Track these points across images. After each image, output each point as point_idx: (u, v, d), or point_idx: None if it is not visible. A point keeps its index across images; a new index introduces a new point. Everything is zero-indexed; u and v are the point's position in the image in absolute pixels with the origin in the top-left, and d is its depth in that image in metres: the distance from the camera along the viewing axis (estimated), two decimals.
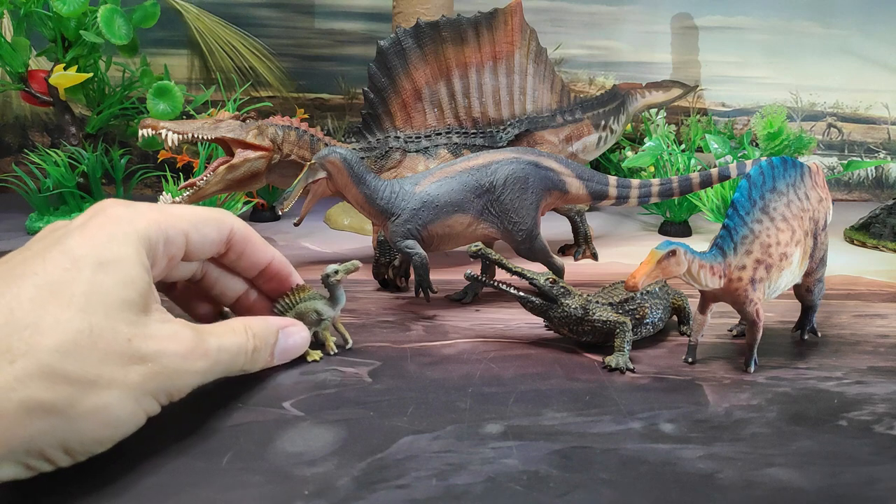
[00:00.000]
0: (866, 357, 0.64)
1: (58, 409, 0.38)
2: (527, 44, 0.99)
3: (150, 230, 0.46)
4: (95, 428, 0.40)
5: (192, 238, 0.51)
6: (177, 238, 0.49)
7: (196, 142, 0.86)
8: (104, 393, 0.40)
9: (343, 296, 0.63)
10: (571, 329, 0.64)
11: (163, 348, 0.43)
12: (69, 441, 0.39)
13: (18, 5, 1.06)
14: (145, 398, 0.43)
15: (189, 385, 0.46)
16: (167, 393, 0.44)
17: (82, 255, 0.42)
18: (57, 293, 0.40)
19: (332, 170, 0.71)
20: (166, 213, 0.49)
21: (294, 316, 0.62)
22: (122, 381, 0.41)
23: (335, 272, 0.62)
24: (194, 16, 1.38)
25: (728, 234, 0.57)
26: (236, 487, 0.42)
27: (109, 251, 0.43)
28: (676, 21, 1.50)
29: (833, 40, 1.50)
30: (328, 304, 0.63)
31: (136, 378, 0.42)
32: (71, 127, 1.13)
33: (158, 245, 0.47)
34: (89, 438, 0.40)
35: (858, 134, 1.55)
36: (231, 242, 0.55)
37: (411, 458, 0.46)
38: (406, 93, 0.95)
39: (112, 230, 0.44)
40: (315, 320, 0.62)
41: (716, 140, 1.11)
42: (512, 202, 0.75)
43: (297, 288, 0.62)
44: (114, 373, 0.40)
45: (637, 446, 0.47)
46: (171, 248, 0.49)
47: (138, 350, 0.42)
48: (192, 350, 0.46)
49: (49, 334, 0.38)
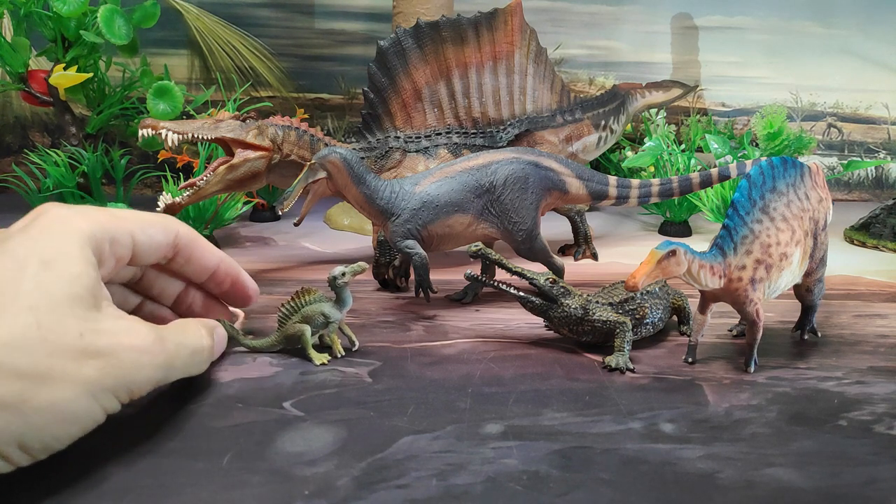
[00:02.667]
0: (866, 357, 0.64)
1: (9, 404, 0.38)
2: (527, 44, 0.99)
3: (94, 229, 0.46)
4: (51, 424, 0.40)
5: (139, 239, 0.51)
6: (123, 238, 0.49)
7: (196, 142, 0.85)
8: (57, 388, 0.39)
9: (350, 298, 0.63)
10: (571, 329, 0.64)
11: (118, 342, 0.43)
12: (25, 437, 0.39)
13: (18, 5, 1.06)
14: (103, 394, 0.42)
15: (149, 380, 0.46)
16: (126, 389, 0.44)
17: (24, 255, 0.42)
18: (2, 293, 0.40)
19: (332, 170, 0.71)
20: (110, 213, 0.49)
21: (300, 319, 0.61)
22: (76, 376, 0.40)
23: (342, 274, 0.62)
24: (194, 16, 1.38)
25: (728, 234, 0.57)
26: (236, 487, 0.42)
27: (52, 249, 0.43)
28: (676, 21, 1.50)
29: (833, 40, 1.50)
30: (335, 307, 0.62)
31: (91, 373, 0.41)
32: (71, 127, 1.13)
33: (104, 244, 0.47)
34: (46, 434, 0.40)
35: (858, 134, 1.55)
36: (178, 247, 0.55)
37: (411, 458, 0.46)
38: (406, 93, 0.95)
39: (54, 230, 0.44)
40: (322, 323, 0.62)
41: (716, 140, 1.11)
42: (512, 202, 0.75)
43: (302, 290, 0.62)
44: (65, 367, 0.40)
45: (637, 446, 0.47)
46: (118, 249, 0.49)
47: (91, 344, 0.41)
48: (149, 344, 0.45)
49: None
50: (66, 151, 1.11)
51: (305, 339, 0.61)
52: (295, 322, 0.61)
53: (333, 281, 0.62)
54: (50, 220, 0.45)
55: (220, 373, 0.59)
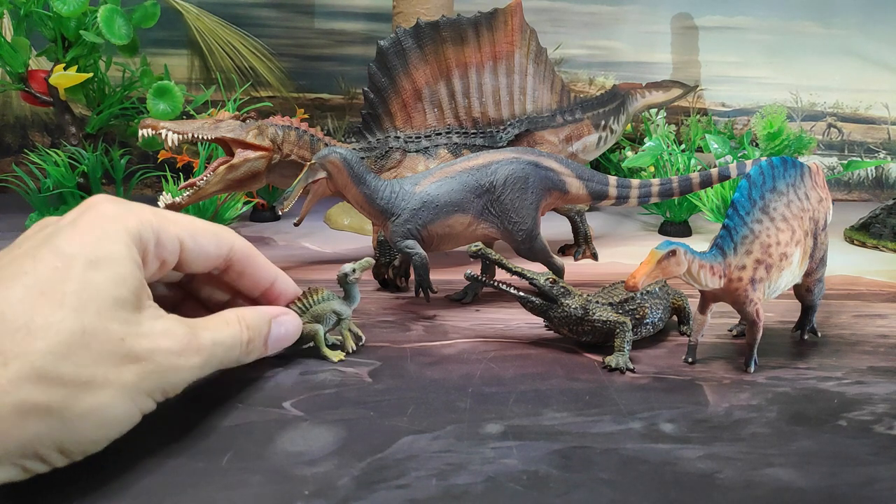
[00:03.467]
0: (866, 357, 0.64)
1: (53, 411, 0.38)
2: (527, 44, 0.99)
3: (142, 228, 0.45)
4: (91, 428, 0.40)
5: (188, 246, 0.50)
6: (169, 242, 0.48)
7: (196, 142, 0.86)
8: (99, 393, 0.40)
9: (358, 294, 0.63)
10: (571, 329, 0.64)
11: (156, 346, 0.43)
12: (65, 442, 0.39)
13: (18, 5, 1.06)
14: (140, 396, 0.42)
15: (184, 381, 0.46)
16: (162, 390, 0.44)
17: (72, 252, 0.41)
18: (48, 293, 0.39)
19: (332, 170, 0.71)
20: (160, 215, 0.48)
21: (311, 318, 0.61)
22: (117, 381, 0.40)
23: (353, 271, 0.62)
24: (194, 16, 1.38)
25: (728, 234, 0.57)
26: (236, 487, 0.42)
27: (100, 249, 0.42)
28: (676, 21, 1.50)
29: (833, 40, 1.50)
30: (344, 303, 0.63)
31: (131, 377, 0.41)
32: (71, 127, 1.13)
33: (149, 244, 0.46)
34: (85, 438, 0.40)
35: (858, 134, 1.55)
36: (231, 260, 0.54)
37: (411, 458, 0.46)
38: (406, 93, 0.95)
39: (103, 227, 0.43)
40: (334, 321, 0.62)
41: (716, 140, 1.11)
42: (512, 202, 0.75)
43: (310, 290, 0.62)
44: (108, 373, 0.40)
45: (637, 446, 0.47)
46: (162, 252, 0.48)
47: (132, 349, 0.41)
48: (185, 346, 0.45)
49: (41, 336, 0.38)
50: (66, 151, 1.11)
51: (319, 339, 0.61)
52: (306, 322, 0.61)
53: (344, 278, 0.62)
54: (99, 215, 0.44)
55: (221, 373, 0.59)
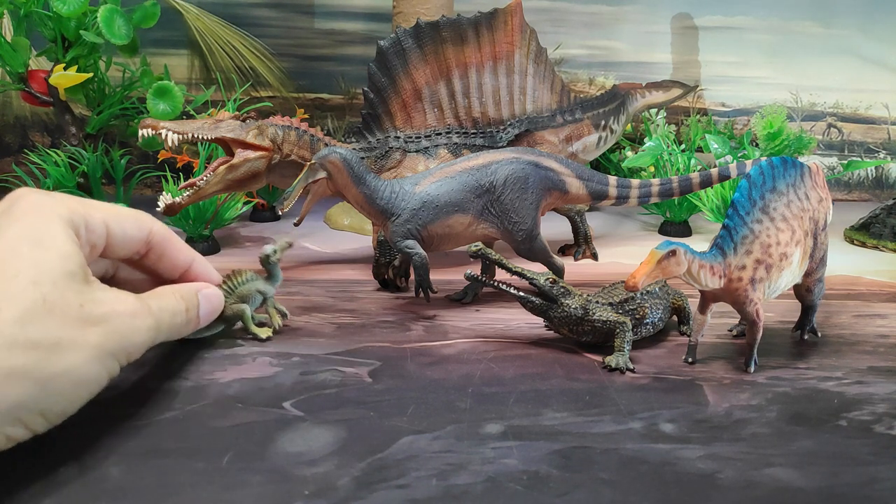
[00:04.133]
0: (866, 357, 0.64)
1: (30, 373, 0.40)
2: (527, 44, 0.99)
3: (72, 214, 0.48)
4: (67, 389, 0.43)
5: (113, 230, 0.52)
6: (97, 227, 0.50)
7: (196, 142, 0.85)
8: (69, 354, 0.43)
9: (280, 274, 0.67)
10: (571, 329, 0.64)
11: (112, 310, 0.46)
12: (45, 404, 0.42)
13: (18, 5, 1.05)
14: (107, 357, 0.45)
15: (143, 342, 0.49)
16: (125, 352, 0.47)
17: (15, 235, 0.44)
18: (3, 271, 0.42)
19: (332, 170, 0.71)
20: (83, 203, 0.50)
21: (236, 299, 0.65)
22: (84, 342, 0.44)
23: (274, 252, 0.66)
24: (194, 16, 1.38)
25: (728, 234, 0.57)
26: (236, 487, 0.42)
27: (40, 231, 0.45)
28: (676, 21, 1.50)
29: (833, 40, 1.50)
30: (268, 283, 0.67)
31: (95, 338, 0.44)
32: (71, 127, 1.13)
33: (80, 229, 0.48)
34: (63, 399, 0.43)
35: (858, 134, 1.55)
36: (151, 243, 0.56)
37: (411, 458, 0.46)
38: (406, 93, 0.95)
39: (36, 213, 0.46)
40: (260, 300, 0.66)
41: (716, 140, 1.11)
42: (512, 202, 0.75)
43: (234, 272, 0.65)
44: (74, 335, 0.43)
45: (637, 446, 0.47)
46: (92, 236, 0.50)
47: (91, 314, 0.44)
48: (138, 309, 0.49)
49: (5, 307, 0.40)
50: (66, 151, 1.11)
51: (246, 318, 0.65)
52: (232, 303, 0.65)
53: (266, 259, 0.66)
54: (29, 204, 0.46)
55: (220, 373, 0.59)
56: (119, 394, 0.55)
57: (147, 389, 0.56)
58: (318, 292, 0.81)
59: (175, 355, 0.62)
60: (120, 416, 0.51)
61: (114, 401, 0.53)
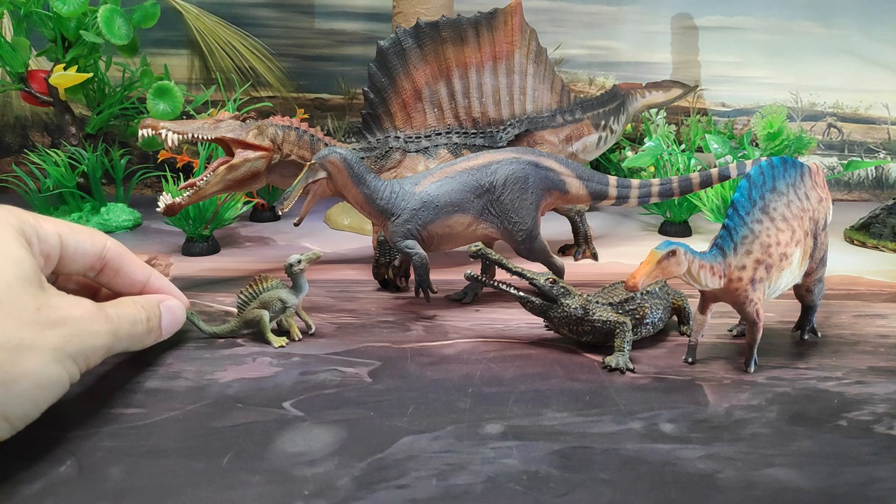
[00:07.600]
0: (866, 357, 0.64)
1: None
2: (527, 44, 0.99)
3: (22, 225, 0.47)
4: (30, 391, 0.43)
5: (67, 241, 0.51)
6: (50, 237, 0.50)
7: (196, 142, 0.85)
8: (30, 356, 0.42)
9: (306, 284, 0.66)
10: (571, 329, 0.64)
11: (69, 314, 0.46)
12: (8, 407, 0.42)
13: (18, 5, 1.06)
14: (67, 360, 0.45)
15: (102, 347, 0.49)
16: (84, 355, 0.47)
17: None
18: None
19: (332, 170, 0.71)
20: (34, 215, 0.50)
21: (258, 305, 0.65)
22: (44, 344, 0.43)
23: (298, 261, 0.65)
24: (194, 16, 1.38)
25: (728, 234, 0.57)
26: (236, 487, 0.42)
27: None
28: (676, 21, 1.50)
29: (833, 40, 1.50)
30: (291, 293, 0.66)
31: (55, 340, 0.44)
32: (71, 127, 1.13)
33: (32, 238, 0.48)
34: (27, 402, 0.43)
35: (858, 134, 1.55)
36: (106, 258, 0.56)
37: (411, 458, 0.46)
38: (406, 93, 0.95)
39: None
40: (279, 308, 0.65)
41: (716, 140, 1.11)
42: (512, 202, 0.75)
43: (259, 278, 0.65)
44: (34, 337, 0.43)
45: (637, 446, 0.47)
46: (45, 246, 0.50)
47: (48, 317, 0.44)
48: (95, 314, 0.49)
49: None
50: (66, 151, 1.11)
51: (264, 324, 0.64)
52: (253, 308, 0.65)
53: (290, 268, 0.65)
54: None
55: (220, 373, 0.59)
56: (119, 394, 0.55)
57: (147, 389, 0.56)
58: (318, 292, 0.81)
59: (175, 355, 0.62)
60: (120, 416, 0.51)
61: (114, 401, 0.53)
